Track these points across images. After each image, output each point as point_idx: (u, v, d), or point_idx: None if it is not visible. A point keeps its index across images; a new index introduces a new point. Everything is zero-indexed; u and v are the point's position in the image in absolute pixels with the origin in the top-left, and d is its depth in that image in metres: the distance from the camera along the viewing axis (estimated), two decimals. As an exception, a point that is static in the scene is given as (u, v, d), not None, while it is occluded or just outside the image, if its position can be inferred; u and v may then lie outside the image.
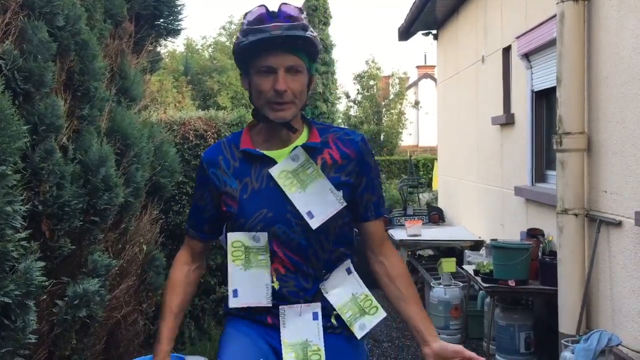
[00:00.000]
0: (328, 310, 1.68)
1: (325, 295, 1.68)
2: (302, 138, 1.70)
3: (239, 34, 1.61)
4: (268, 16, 1.56)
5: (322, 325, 1.65)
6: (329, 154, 1.68)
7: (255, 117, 1.70)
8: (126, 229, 3.28)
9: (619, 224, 3.25)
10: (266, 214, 1.62)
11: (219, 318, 4.59)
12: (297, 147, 1.65)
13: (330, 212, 1.63)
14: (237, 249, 1.64)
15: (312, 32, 1.59)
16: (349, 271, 1.74)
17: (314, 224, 1.61)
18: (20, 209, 2.25)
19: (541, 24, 4.35)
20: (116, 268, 3.06)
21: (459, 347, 1.58)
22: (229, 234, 1.66)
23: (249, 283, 1.64)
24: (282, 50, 1.57)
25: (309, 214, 1.61)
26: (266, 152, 1.66)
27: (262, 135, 1.70)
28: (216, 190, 1.68)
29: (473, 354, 1.55)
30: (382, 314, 1.75)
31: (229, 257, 1.65)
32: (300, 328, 1.64)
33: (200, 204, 1.74)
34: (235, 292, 1.65)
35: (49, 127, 2.60)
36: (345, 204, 1.65)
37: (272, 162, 1.65)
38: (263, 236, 1.62)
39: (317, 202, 1.62)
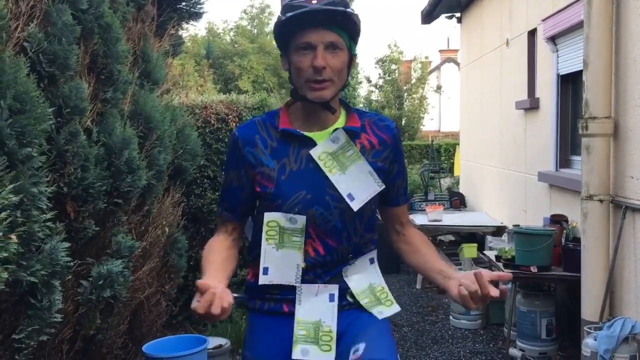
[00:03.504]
0: (344, 290, 1.67)
1: (345, 279, 1.67)
2: (341, 121, 1.68)
3: (280, 14, 1.58)
4: None
5: (338, 304, 1.65)
6: (366, 139, 1.67)
7: (293, 97, 1.67)
8: (149, 212, 3.31)
9: (645, 210, 3.20)
10: (305, 195, 1.60)
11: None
12: (337, 129, 1.64)
13: (370, 194, 1.63)
14: (271, 229, 1.63)
15: (352, 10, 1.56)
16: (372, 261, 1.75)
17: (355, 205, 1.61)
18: (45, 191, 2.28)
19: (568, 6, 4.26)
20: (139, 250, 3.10)
21: (484, 270, 1.51)
22: (266, 214, 1.63)
23: (280, 262, 1.63)
24: (321, 26, 1.54)
25: (350, 196, 1.61)
26: (306, 133, 1.64)
27: (299, 116, 1.67)
28: (252, 170, 1.65)
29: (497, 273, 1.49)
30: (396, 308, 1.73)
31: (263, 236, 1.64)
32: (315, 307, 1.64)
33: (237, 184, 1.69)
34: (265, 270, 1.65)
35: (74, 110, 2.63)
36: (383, 186, 1.65)
37: (311, 143, 1.63)
38: (300, 219, 1.60)
39: (357, 184, 1.62)
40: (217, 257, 1.65)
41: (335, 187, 1.61)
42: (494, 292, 1.43)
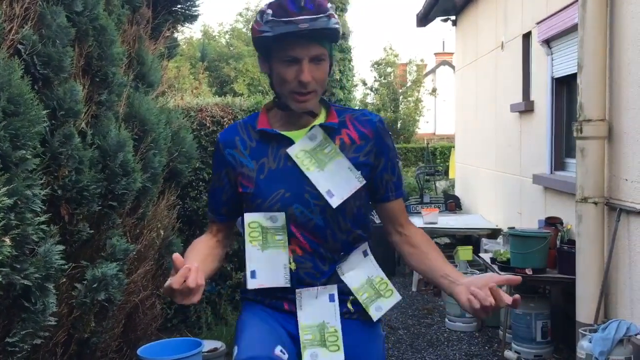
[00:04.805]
0: (345, 295, 1.67)
1: (341, 277, 1.67)
2: (320, 119, 1.69)
3: (260, 21, 1.56)
4: (293, 5, 1.51)
5: (339, 311, 1.64)
6: (347, 134, 1.67)
7: (277, 105, 1.68)
8: (144, 214, 3.30)
9: (639, 212, 3.21)
10: (284, 194, 1.61)
11: (235, 304, 4.62)
12: (314, 126, 1.65)
13: (350, 191, 1.62)
14: (254, 230, 1.63)
15: (336, 19, 1.56)
16: (365, 254, 1.74)
17: (334, 202, 1.60)
18: (39, 193, 2.27)
19: (563, 9, 4.27)
20: (134, 252, 3.09)
21: (490, 274, 1.51)
22: (246, 215, 1.65)
23: (266, 264, 1.63)
24: (307, 40, 1.54)
25: (329, 192, 1.61)
26: (283, 132, 1.65)
27: (279, 117, 1.69)
28: (233, 171, 1.67)
29: (506, 276, 1.50)
30: (397, 297, 1.73)
31: (246, 238, 1.64)
32: (316, 310, 1.63)
33: (218, 186, 1.73)
34: (253, 274, 1.64)
35: (68, 112, 2.62)
36: (364, 182, 1.64)
37: (290, 142, 1.64)
38: (280, 216, 1.61)
39: (336, 180, 1.62)
40: (197, 255, 1.65)
41: (314, 184, 1.61)
42: (508, 299, 1.42)
